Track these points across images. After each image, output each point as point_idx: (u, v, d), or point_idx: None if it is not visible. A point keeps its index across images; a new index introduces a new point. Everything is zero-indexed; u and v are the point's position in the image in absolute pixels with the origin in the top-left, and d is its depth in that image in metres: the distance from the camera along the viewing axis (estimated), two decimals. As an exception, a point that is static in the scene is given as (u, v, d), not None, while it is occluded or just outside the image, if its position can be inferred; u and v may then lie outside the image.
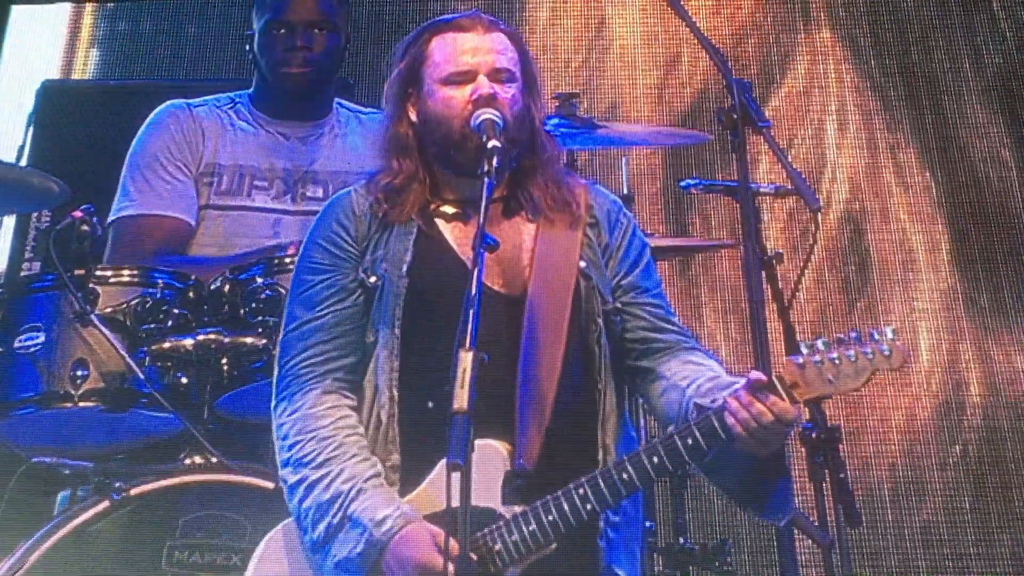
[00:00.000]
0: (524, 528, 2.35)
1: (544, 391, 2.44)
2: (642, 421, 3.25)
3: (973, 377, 3.83)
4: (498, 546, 2.35)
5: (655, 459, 2.37)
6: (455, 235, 2.57)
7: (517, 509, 2.37)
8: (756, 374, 2.38)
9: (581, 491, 2.36)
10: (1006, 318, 3.86)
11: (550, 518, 2.35)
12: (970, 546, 3.58)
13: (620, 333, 2.57)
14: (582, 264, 2.56)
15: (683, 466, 2.45)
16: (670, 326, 2.60)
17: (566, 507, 2.35)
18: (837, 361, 2.35)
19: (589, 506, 2.36)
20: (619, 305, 2.58)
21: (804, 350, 2.37)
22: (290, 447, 2.49)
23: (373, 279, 2.53)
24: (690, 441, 2.36)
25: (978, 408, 3.80)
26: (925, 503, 3.65)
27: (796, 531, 2.83)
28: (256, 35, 3.47)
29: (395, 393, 2.47)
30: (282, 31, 3.41)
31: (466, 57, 2.55)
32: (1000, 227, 3.96)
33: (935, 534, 3.60)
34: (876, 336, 2.35)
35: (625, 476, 2.37)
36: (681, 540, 3.22)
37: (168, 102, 3.49)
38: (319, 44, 3.42)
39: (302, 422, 2.49)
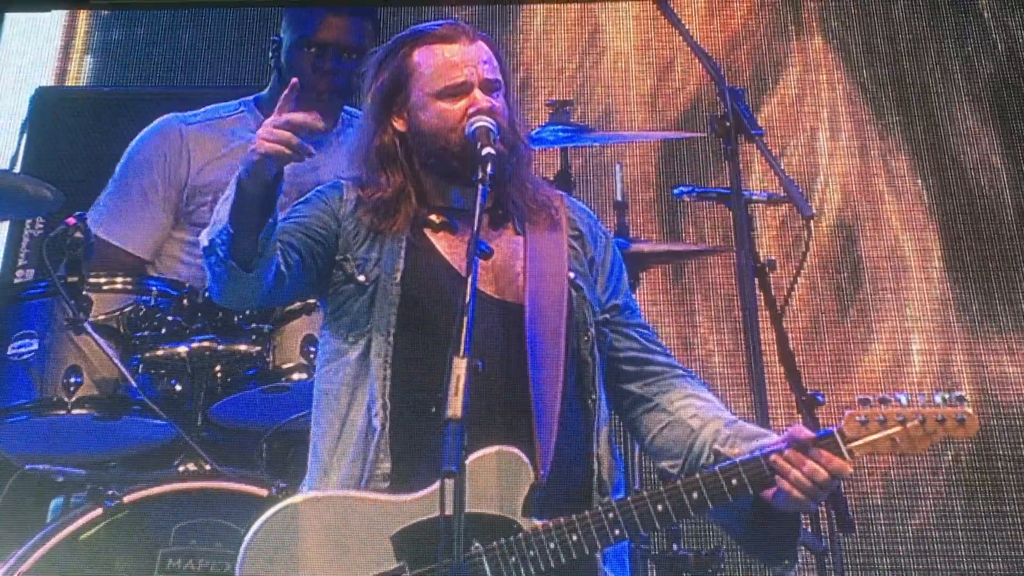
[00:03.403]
0: (546, 545, 2.34)
1: (553, 401, 2.44)
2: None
3: (965, 383, 3.84)
4: (513, 559, 2.34)
5: (695, 495, 2.34)
6: (444, 245, 2.57)
7: (536, 523, 2.36)
8: (800, 430, 2.36)
9: (611, 515, 2.35)
10: (997, 324, 3.87)
11: (574, 539, 2.34)
12: (962, 552, 3.58)
13: (609, 352, 2.57)
14: (571, 275, 2.56)
15: (722, 505, 2.38)
16: (659, 348, 2.61)
17: (594, 531, 2.34)
18: (904, 421, 2.30)
19: (618, 531, 2.35)
20: (608, 317, 2.58)
21: (867, 407, 2.32)
22: None
23: (362, 278, 2.52)
24: (735, 482, 2.34)
25: (970, 414, 3.80)
26: (918, 509, 3.65)
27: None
28: (284, 47, 3.46)
29: (388, 401, 2.46)
30: (312, 50, 3.41)
31: (459, 69, 2.55)
32: (991, 234, 3.97)
33: (927, 540, 3.60)
34: (939, 400, 2.31)
35: (660, 508, 2.35)
36: (675, 547, 3.22)
37: (164, 117, 3.49)
38: (347, 70, 3.42)
39: None
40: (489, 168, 2.44)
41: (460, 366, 2.18)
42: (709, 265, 3.91)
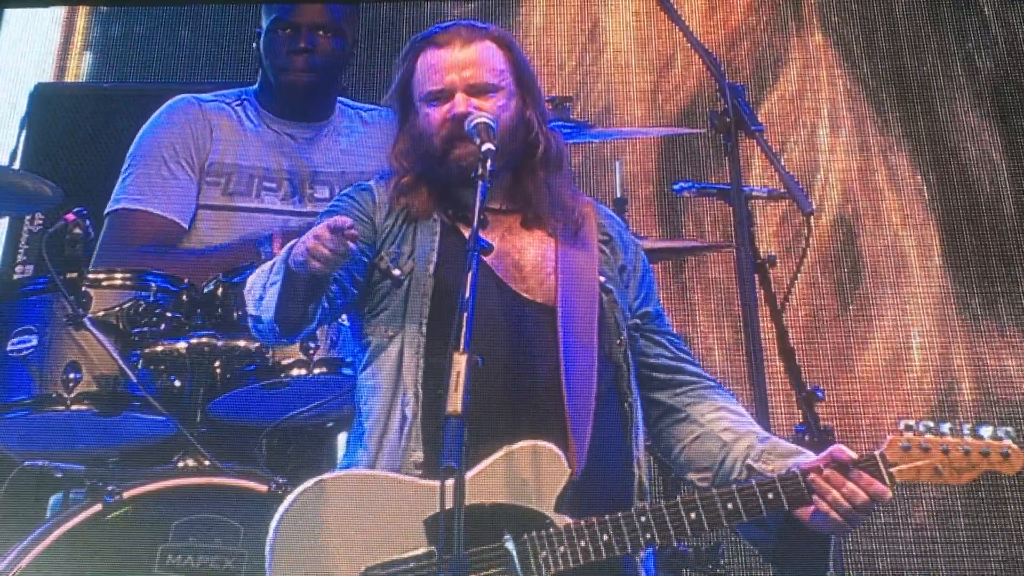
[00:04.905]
0: (576, 542, 2.33)
1: (587, 401, 2.44)
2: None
3: (965, 379, 3.84)
4: (544, 553, 2.33)
5: (729, 505, 2.32)
6: None
7: (568, 520, 2.35)
8: (841, 450, 2.34)
9: (643, 519, 2.33)
10: (997, 320, 3.88)
11: (605, 539, 2.32)
12: (962, 549, 3.58)
13: (639, 358, 2.58)
14: (602, 279, 2.58)
15: (756, 518, 2.35)
16: (689, 358, 2.62)
17: (625, 532, 2.33)
18: (947, 451, 2.28)
19: (649, 536, 2.33)
20: (638, 323, 2.59)
21: (910, 432, 2.30)
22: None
23: (397, 272, 2.53)
24: (771, 496, 2.32)
25: (970, 410, 3.81)
26: (918, 505, 3.65)
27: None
28: (262, 33, 3.51)
29: (420, 391, 2.47)
30: (287, 31, 3.45)
31: (441, 75, 2.58)
32: (991, 230, 3.98)
33: (927, 537, 3.61)
34: (983, 433, 2.29)
35: (693, 516, 2.33)
36: (675, 542, 3.22)
37: (179, 96, 3.51)
38: (323, 47, 3.45)
39: None
40: (489, 165, 2.44)
41: (460, 362, 2.19)
42: (709, 261, 3.91)
